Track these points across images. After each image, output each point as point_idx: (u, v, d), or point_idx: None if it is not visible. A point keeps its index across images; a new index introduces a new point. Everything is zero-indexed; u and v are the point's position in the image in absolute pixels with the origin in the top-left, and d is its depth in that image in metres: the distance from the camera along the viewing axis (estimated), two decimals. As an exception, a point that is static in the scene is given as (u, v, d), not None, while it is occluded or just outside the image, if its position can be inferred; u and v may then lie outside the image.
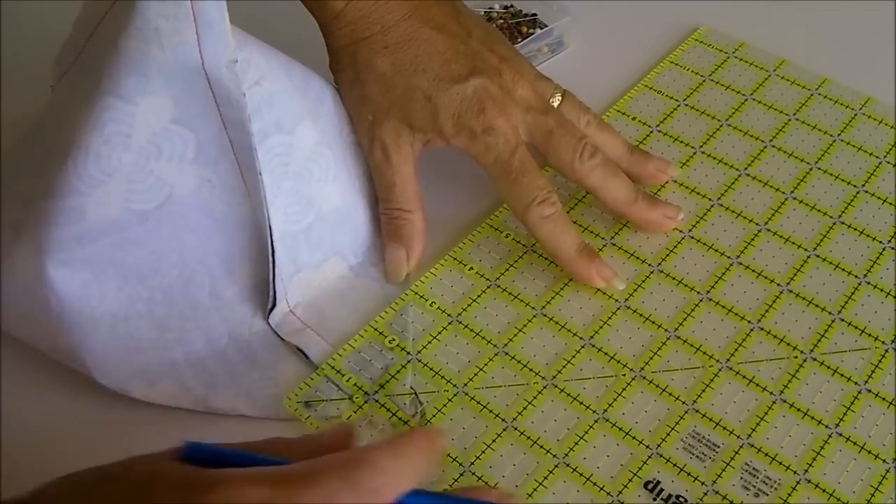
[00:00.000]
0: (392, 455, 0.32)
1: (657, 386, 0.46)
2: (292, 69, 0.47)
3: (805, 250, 0.52)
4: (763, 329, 0.48)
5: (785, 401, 0.46)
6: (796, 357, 0.47)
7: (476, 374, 0.46)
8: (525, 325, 0.48)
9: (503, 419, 0.45)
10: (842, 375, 0.46)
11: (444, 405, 0.45)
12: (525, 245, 0.52)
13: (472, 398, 0.46)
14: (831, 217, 0.53)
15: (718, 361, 0.47)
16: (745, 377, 0.46)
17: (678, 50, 0.63)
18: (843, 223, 0.53)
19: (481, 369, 0.47)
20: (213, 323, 0.47)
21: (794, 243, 0.52)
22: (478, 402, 0.46)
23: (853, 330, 0.48)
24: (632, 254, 0.51)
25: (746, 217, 0.53)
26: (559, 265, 0.50)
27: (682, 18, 0.65)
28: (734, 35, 0.63)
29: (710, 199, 0.54)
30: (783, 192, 0.54)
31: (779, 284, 0.50)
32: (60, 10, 0.48)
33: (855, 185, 0.55)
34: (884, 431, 0.44)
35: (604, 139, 0.53)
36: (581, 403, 0.45)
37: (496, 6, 0.63)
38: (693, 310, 0.49)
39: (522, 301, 0.49)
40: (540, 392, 0.46)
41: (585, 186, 0.51)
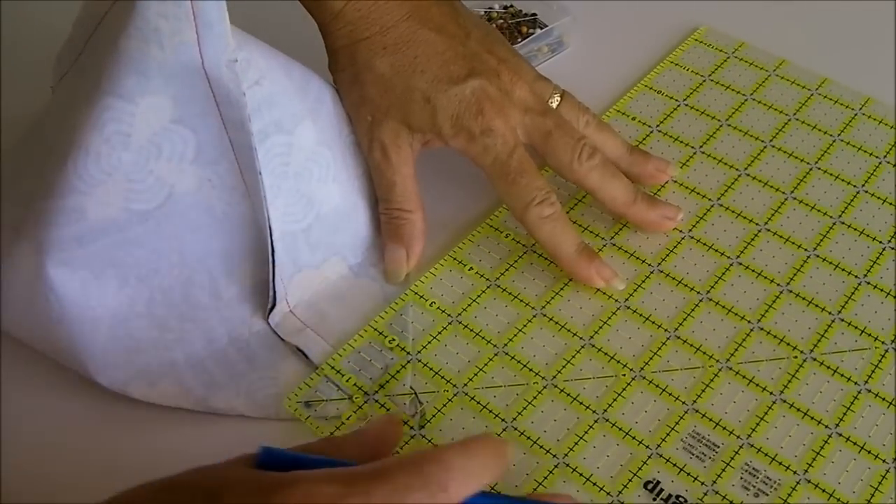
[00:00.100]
0: (461, 454, 0.33)
1: (657, 386, 0.46)
2: (292, 69, 0.47)
3: (805, 250, 0.52)
4: (763, 329, 0.48)
5: (785, 401, 0.46)
6: (796, 357, 0.47)
7: (476, 375, 0.46)
8: (525, 325, 0.48)
9: (503, 419, 0.45)
10: (842, 375, 0.46)
11: (444, 405, 0.45)
12: (525, 245, 0.52)
13: (472, 398, 0.46)
14: (831, 217, 0.53)
15: (718, 361, 0.47)
16: (745, 377, 0.46)
17: (678, 50, 0.63)
18: (843, 223, 0.53)
19: (481, 369, 0.47)
20: (213, 323, 0.47)
21: (794, 243, 0.52)
22: (478, 403, 0.46)
23: (853, 330, 0.48)
24: (632, 254, 0.51)
25: (746, 217, 0.53)
26: (559, 265, 0.50)
27: (682, 18, 0.65)
28: (734, 35, 0.63)
29: (710, 199, 0.54)
30: (783, 192, 0.54)
31: (779, 284, 0.50)
32: (60, 10, 0.48)
33: (855, 185, 0.55)
34: (884, 431, 0.44)
35: (603, 139, 0.53)
36: (581, 403, 0.45)
37: (496, 6, 0.63)
38: (693, 310, 0.49)
39: (522, 301, 0.49)
40: (540, 392, 0.46)
41: (584, 187, 0.51)
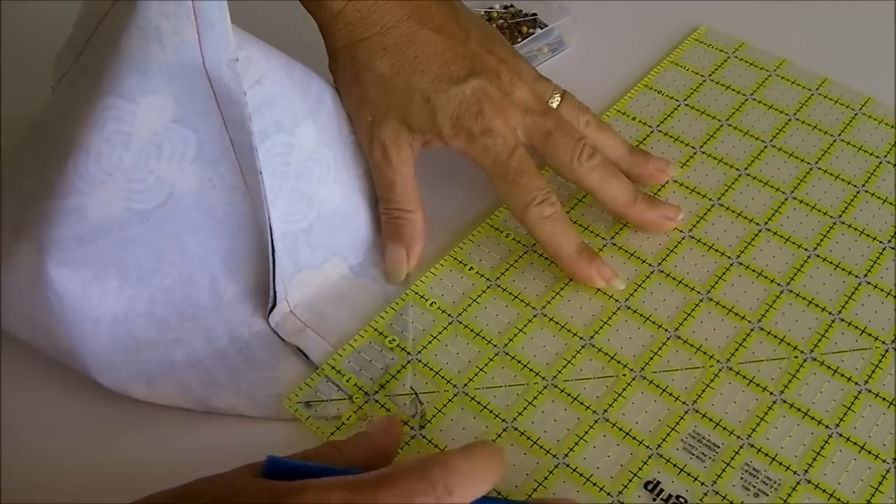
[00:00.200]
0: (466, 458, 0.34)
1: (657, 386, 0.46)
2: (293, 69, 0.47)
3: (805, 250, 0.52)
4: (763, 329, 0.48)
5: (785, 401, 0.46)
6: (796, 357, 0.47)
7: (476, 375, 0.46)
8: (525, 325, 0.48)
9: (503, 419, 0.45)
10: (842, 375, 0.46)
11: (445, 405, 0.45)
12: (525, 245, 0.52)
13: (473, 398, 0.46)
14: (831, 217, 0.53)
15: (718, 361, 0.47)
16: (746, 377, 0.46)
17: (678, 50, 0.63)
18: (844, 223, 0.53)
19: (481, 369, 0.47)
20: (214, 323, 0.47)
21: (795, 243, 0.52)
22: (478, 403, 0.46)
23: (853, 330, 0.48)
24: (632, 254, 0.51)
25: (746, 217, 0.53)
26: (559, 265, 0.50)
27: (682, 18, 0.65)
28: (734, 35, 0.63)
29: (711, 199, 0.54)
30: (783, 192, 0.54)
31: (779, 284, 0.50)
32: (60, 10, 0.48)
33: (855, 185, 0.55)
34: (884, 431, 0.44)
35: (603, 139, 0.53)
36: (581, 404, 0.45)
37: (496, 6, 0.63)
38: (693, 310, 0.49)
39: (523, 301, 0.49)
40: (540, 392, 0.46)
41: (584, 187, 0.51)
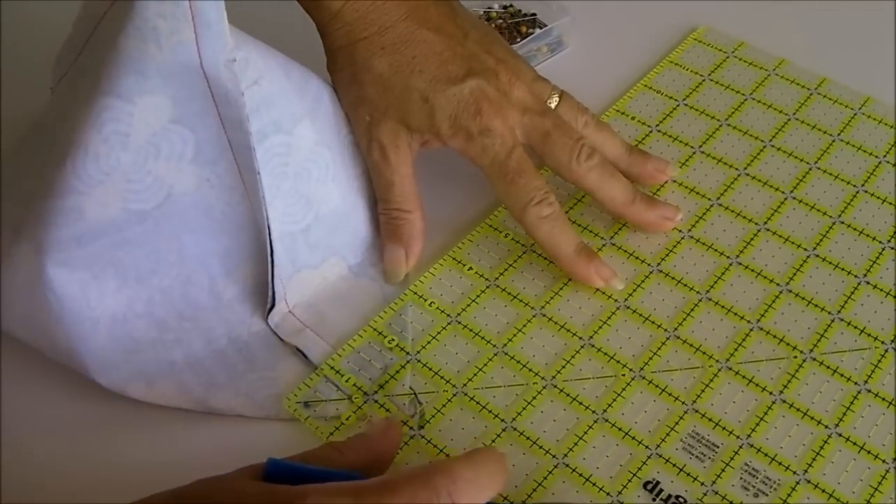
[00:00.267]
0: (469, 465, 0.34)
1: (657, 386, 0.46)
2: (291, 69, 0.47)
3: (805, 250, 0.52)
4: (762, 329, 0.48)
5: (784, 401, 0.45)
6: (796, 357, 0.47)
7: (475, 375, 0.46)
8: (524, 325, 0.48)
9: (502, 419, 0.45)
10: (841, 375, 0.46)
11: (444, 405, 0.45)
12: (524, 245, 0.52)
13: (472, 398, 0.46)
14: (831, 217, 0.53)
15: (718, 361, 0.47)
16: (745, 377, 0.46)
17: (677, 50, 0.63)
18: (843, 223, 0.53)
19: (480, 369, 0.47)
20: (212, 323, 0.47)
21: (794, 243, 0.52)
22: (477, 403, 0.45)
23: (853, 330, 0.48)
24: (631, 254, 0.51)
25: (746, 217, 0.53)
26: (558, 265, 0.50)
27: (682, 18, 0.65)
28: (734, 35, 0.63)
29: (710, 199, 0.54)
30: (783, 192, 0.54)
31: (778, 284, 0.50)
32: (60, 10, 0.48)
33: (854, 185, 0.55)
34: (883, 431, 0.44)
35: (602, 139, 0.53)
36: (580, 404, 0.45)
37: (495, 6, 0.63)
38: (692, 310, 0.49)
39: (522, 301, 0.49)
40: (539, 392, 0.46)
41: (583, 187, 0.51)
